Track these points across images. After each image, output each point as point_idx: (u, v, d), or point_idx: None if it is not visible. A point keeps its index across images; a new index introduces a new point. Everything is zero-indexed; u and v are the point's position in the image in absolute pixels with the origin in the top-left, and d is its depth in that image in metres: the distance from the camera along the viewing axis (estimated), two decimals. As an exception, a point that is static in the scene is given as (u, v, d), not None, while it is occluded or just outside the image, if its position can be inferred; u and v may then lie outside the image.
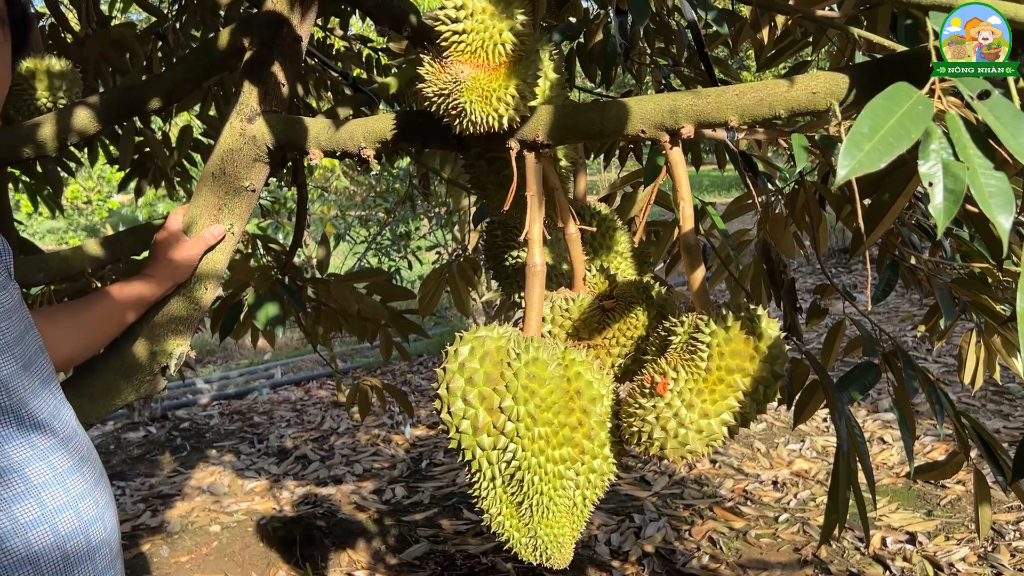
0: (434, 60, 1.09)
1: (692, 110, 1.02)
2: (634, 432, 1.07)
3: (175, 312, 1.49)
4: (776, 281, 1.95)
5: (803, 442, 4.58)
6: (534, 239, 1.16)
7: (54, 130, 1.56)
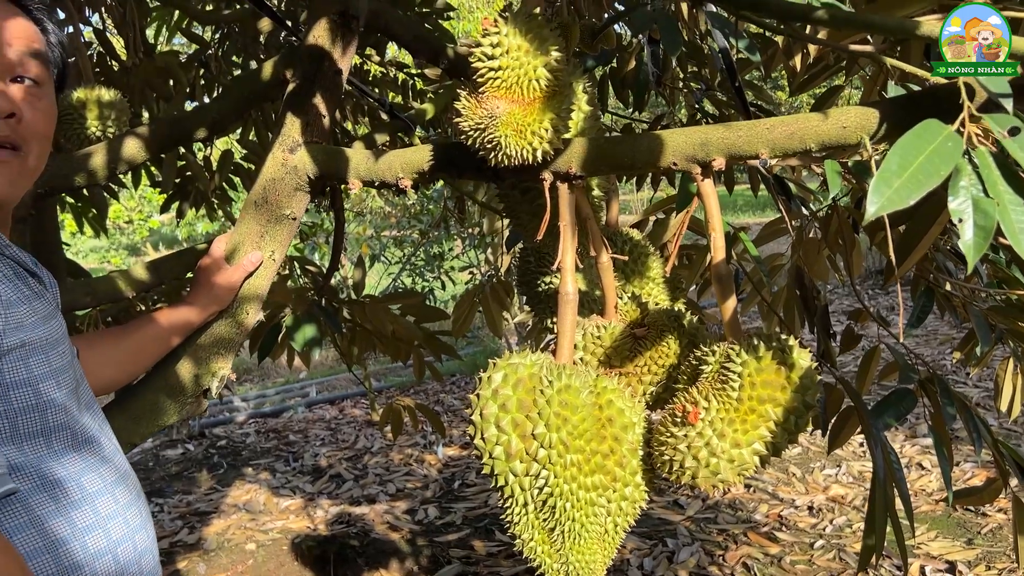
0: (471, 95, 1.12)
1: (723, 143, 1.04)
2: (666, 461, 1.08)
3: (219, 335, 1.53)
4: (809, 307, 1.95)
5: (839, 467, 4.51)
6: (567, 268, 1.18)
7: (105, 159, 1.62)
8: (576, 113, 1.22)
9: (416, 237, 7.26)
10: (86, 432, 1.09)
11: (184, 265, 1.98)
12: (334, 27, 1.42)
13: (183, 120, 1.64)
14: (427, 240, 7.15)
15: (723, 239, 1.10)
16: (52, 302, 1.16)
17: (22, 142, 1.06)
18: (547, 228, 1.21)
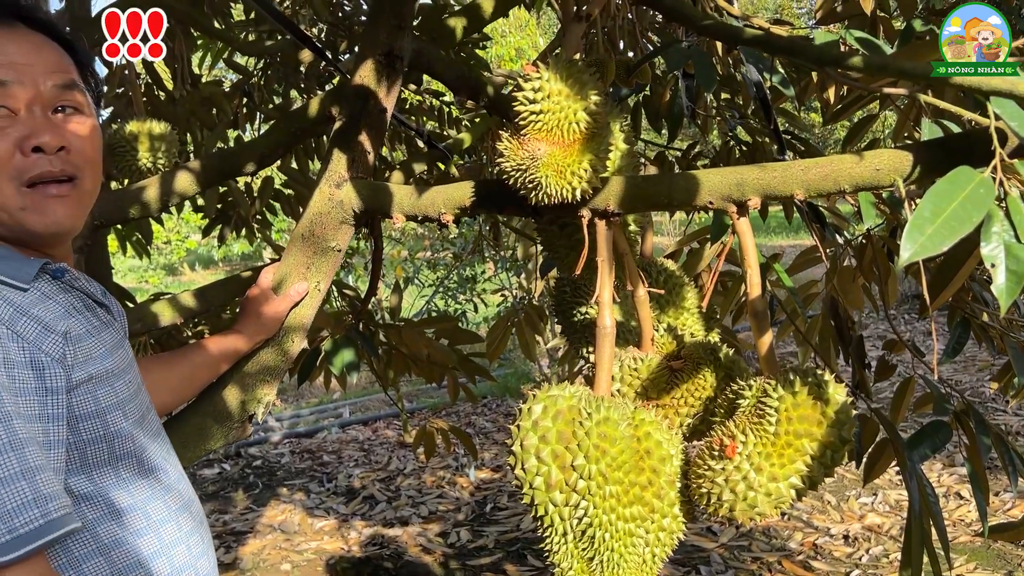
0: (512, 137, 1.16)
1: (758, 184, 1.07)
2: (703, 493, 1.11)
3: (265, 362, 1.58)
4: (844, 337, 1.95)
5: (875, 495, 4.46)
6: (604, 302, 1.22)
7: (158, 193, 1.69)
8: (614, 152, 1.25)
9: (450, 260, 7.33)
10: (152, 460, 1.13)
11: (229, 293, 2.04)
12: (379, 67, 1.48)
13: (233, 155, 1.71)
14: (460, 263, 7.21)
15: (758, 276, 1.13)
16: (120, 331, 1.19)
17: (76, 171, 1.06)
18: (584, 262, 1.25)
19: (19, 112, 1.01)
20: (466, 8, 1.86)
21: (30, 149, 1.01)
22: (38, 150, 1.01)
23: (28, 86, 1.02)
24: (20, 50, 1.02)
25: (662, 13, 1.40)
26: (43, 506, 0.88)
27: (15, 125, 1.01)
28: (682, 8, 1.19)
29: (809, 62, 1.15)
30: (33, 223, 1.03)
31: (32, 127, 1.01)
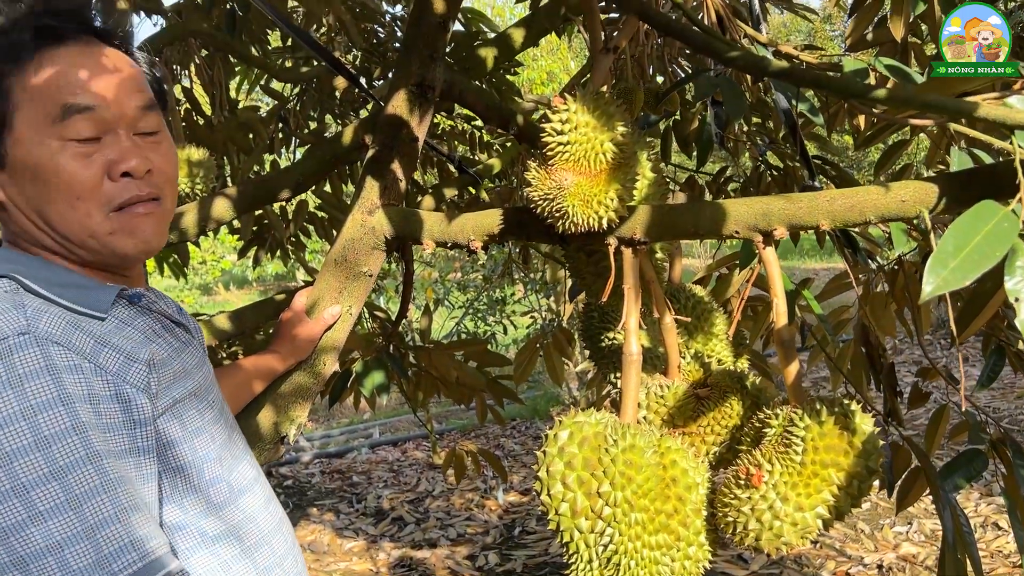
0: (540, 166, 1.18)
1: (784, 214, 1.08)
2: (729, 522, 1.11)
3: (298, 383, 1.61)
4: (876, 365, 1.94)
5: (910, 524, 4.38)
6: (631, 329, 1.23)
7: (196, 218, 1.73)
8: (641, 181, 1.27)
9: (479, 282, 7.37)
10: (241, 482, 1.09)
11: (263, 315, 2.08)
12: (412, 97, 1.51)
13: (269, 181, 1.75)
14: (490, 285, 7.25)
15: (785, 305, 1.13)
16: (199, 348, 1.14)
17: (159, 191, 1.03)
18: (611, 289, 1.26)
19: (104, 136, 0.98)
20: (497, 38, 1.89)
21: (119, 174, 0.98)
22: (126, 175, 0.98)
23: (113, 109, 0.98)
24: (96, 70, 0.97)
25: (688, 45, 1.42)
26: (140, 548, 0.85)
27: (101, 150, 0.97)
28: (709, 41, 1.21)
29: (835, 94, 1.16)
30: (123, 245, 1.00)
31: (119, 152, 0.98)
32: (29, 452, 0.82)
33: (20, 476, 0.82)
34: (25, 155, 0.95)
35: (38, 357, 0.86)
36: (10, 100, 0.94)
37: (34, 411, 0.83)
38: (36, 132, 0.95)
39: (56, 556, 0.81)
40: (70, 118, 0.94)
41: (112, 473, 0.86)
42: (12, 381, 0.84)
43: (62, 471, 0.83)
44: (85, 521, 0.83)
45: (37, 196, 0.96)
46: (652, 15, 1.28)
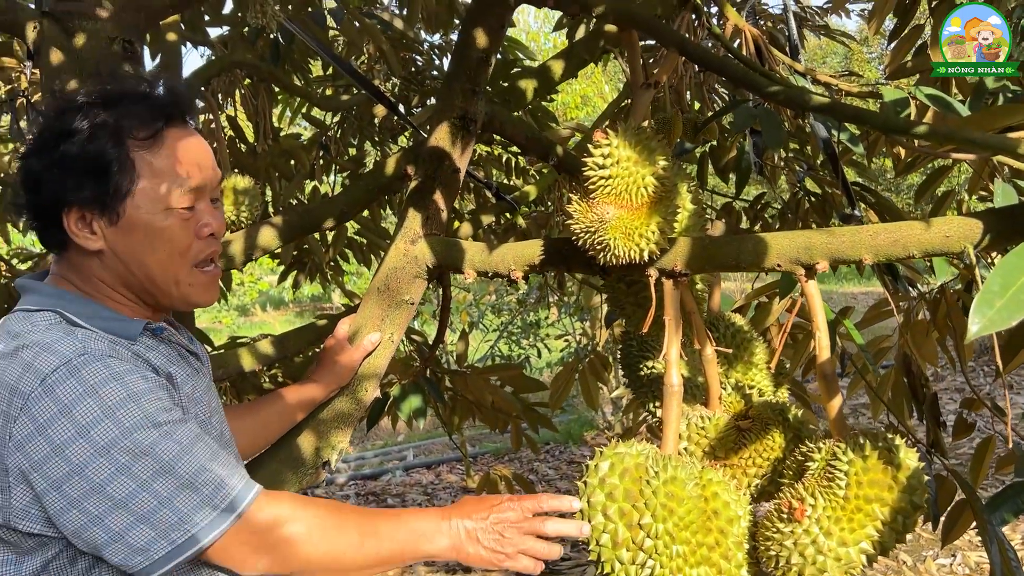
0: (582, 199, 1.20)
1: (827, 248, 1.08)
2: (772, 556, 1.10)
3: (339, 410, 1.64)
4: (918, 396, 1.92)
5: (954, 556, 4.28)
6: (671, 360, 1.23)
7: (243, 247, 1.78)
8: (681, 213, 1.28)
9: (514, 305, 7.39)
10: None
11: (305, 341, 2.12)
12: (454, 130, 1.54)
13: (314, 211, 1.79)
14: (524, 308, 7.26)
15: (827, 339, 1.13)
16: (206, 376, 1.31)
17: (218, 252, 1.25)
18: (652, 320, 1.27)
19: (197, 204, 1.19)
20: (537, 70, 1.92)
21: (206, 234, 1.20)
22: (211, 236, 1.20)
23: (208, 183, 1.20)
24: (199, 151, 1.19)
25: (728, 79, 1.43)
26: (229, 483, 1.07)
27: (194, 216, 1.18)
28: (749, 74, 1.22)
29: (876, 129, 1.17)
30: (199, 298, 1.22)
31: (208, 216, 1.20)
32: (118, 440, 1.02)
33: (117, 459, 1.02)
34: (143, 218, 1.15)
35: (102, 368, 1.05)
36: (136, 170, 1.14)
37: (113, 409, 1.03)
38: (153, 200, 1.15)
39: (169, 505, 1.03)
40: (184, 194, 1.16)
41: (187, 438, 1.07)
42: (88, 391, 1.02)
43: (149, 448, 1.03)
44: (183, 475, 1.04)
45: (143, 250, 1.16)
46: (691, 49, 1.29)
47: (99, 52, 1.70)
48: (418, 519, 1.15)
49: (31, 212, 1.18)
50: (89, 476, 1.01)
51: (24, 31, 1.75)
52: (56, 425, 1.01)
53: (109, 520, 1.02)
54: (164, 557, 1.03)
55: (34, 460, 1.01)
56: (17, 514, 1.04)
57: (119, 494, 1.01)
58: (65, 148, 1.12)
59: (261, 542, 1.07)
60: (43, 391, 1.02)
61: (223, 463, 1.08)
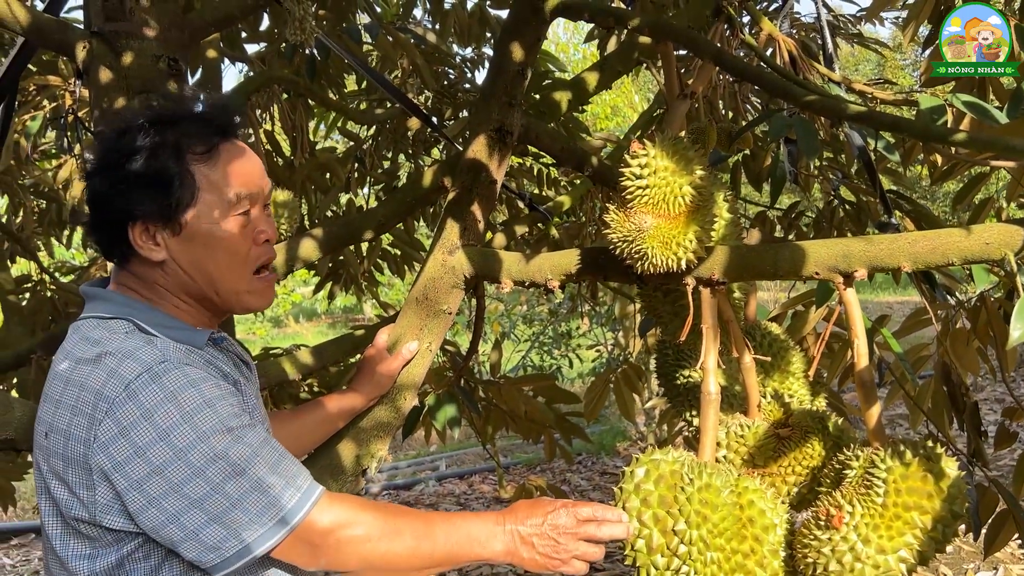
0: (619, 209, 1.22)
1: (865, 256, 1.09)
2: (809, 563, 1.11)
3: (378, 418, 1.66)
4: (958, 405, 1.90)
5: (996, 569, 4.19)
6: (709, 368, 1.24)
7: (284, 258, 1.82)
8: (718, 222, 1.29)
9: (545, 315, 7.40)
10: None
11: (343, 351, 2.15)
12: (491, 142, 1.57)
13: (354, 222, 1.83)
14: (556, 318, 7.27)
15: (866, 347, 1.14)
16: (255, 385, 1.37)
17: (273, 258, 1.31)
18: (689, 328, 1.28)
19: (250, 211, 1.25)
20: (572, 82, 1.94)
21: (262, 240, 1.26)
22: (266, 241, 1.27)
23: (260, 191, 1.26)
24: (252, 163, 1.26)
25: (764, 89, 1.44)
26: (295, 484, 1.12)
27: (250, 223, 1.25)
28: (784, 84, 1.23)
29: (915, 137, 1.17)
30: (257, 303, 1.29)
31: (261, 224, 1.26)
32: (195, 444, 1.08)
33: (193, 462, 1.07)
34: (204, 228, 1.21)
35: (180, 376, 1.11)
36: (196, 183, 1.20)
37: (191, 415, 1.09)
38: (212, 211, 1.21)
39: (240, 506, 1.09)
40: (240, 203, 1.22)
41: (256, 441, 1.12)
42: (168, 397, 1.09)
43: (223, 452, 1.09)
44: (253, 478, 1.09)
45: (205, 258, 1.22)
46: (727, 60, 1.31)
47: (146, 70, 1.75)
48: (473, 523, 1.19)
49: (97, 228, 1.24)
50: (168, 477, 1.07)
51: (74, 50, 1.81)
52: (138, 428, 1.07)
53: (185, 519, 1.08)
54: (235, 555, 1.09)
55: (117, 460, 1.07)
56: (102, 509, 1.10)
57: (194, 495, 1.07)
58: (129, 166, 1.19)
59: (324, 542, 1.12)
60: (127, 396, 1.08)
61: (289, 465, 1.14)
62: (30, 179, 3.63)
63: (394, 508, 1.19)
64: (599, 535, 1.17)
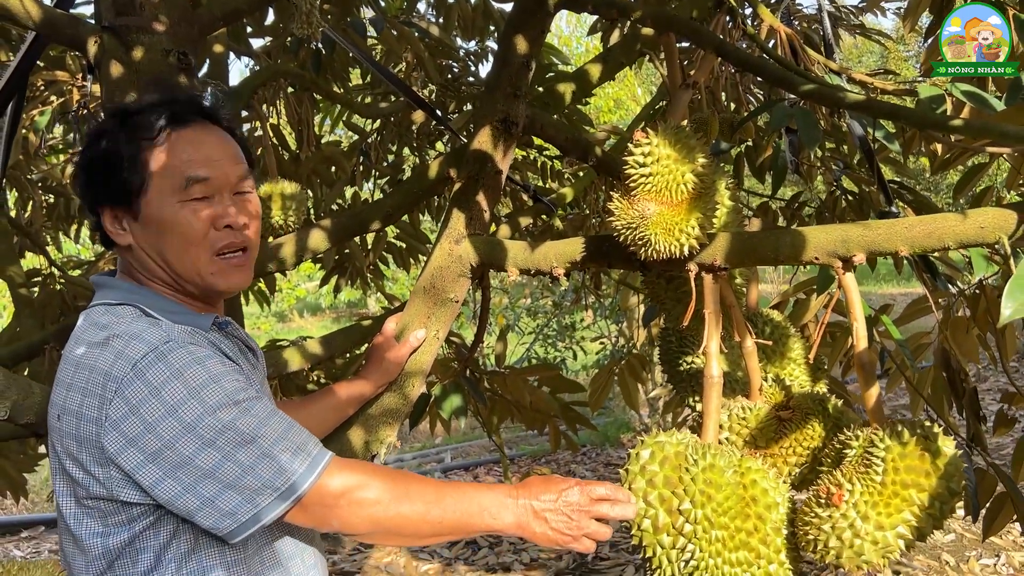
0: (623, 197, 1.24)
1: (863, 241, 1.12)
2: (810, 540, 1.14)
3: (387, 405, 1.69)
4: (957, 390, 1.92)
5: (998, 557, 4.22)
6: (712, 353, 1.27)
7: (294, 249, 1.85)
8: (720, 209, 1.32)
9: (549, 308, 7.43)
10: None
11: (351, 340, 2.19)
12: (496, 132, 1.59)
13: (361, 214, 1.86)
14: (559, 311, 7.30)
15: (865, 329, 1.16)
16: (262, 372, 1.40)
17: (248, 243, 1.30)
18: (692, 314, 1.31)
19: (213, 196, 1.25)
20: (575, 74, 1.97)
21: (223, 226, 1.25)
22: (229, 227, 1.26)
23: (221, 177, 1.26)
24: (210, 147, 1.26)
25: (765, 78, 1.47)
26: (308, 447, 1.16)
27: (211, 207, 1.25)
28: (785, 74, 1.26)
29: (913, 125, 1.19)
30: (220, 285, 1.28)
31: (224, 209, 1.26)
32: (203, 417, 1.11)
33: (203, 434, 1.11)
34: (156, 212, 1.23)
35: (185, 354, 1.14)
36: (147, 170, 1.23)
37: (197, 390, 1.12)
38: (165, 195, 1.23)
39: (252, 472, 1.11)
40: (191, 187, 1.23)
41: (263, 412, 1.15)
42: (174, 374, 1.12)
43: (231, 423, 1.12)
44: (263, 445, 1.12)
45: (161, 242, 1.24)
46: (728, 51, 1.33)
47: (156, 64, 1.78)
48: (485, 494, 1.21)
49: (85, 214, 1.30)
50: (179, 450, 1.10)
51: (85, 45, 1.84)
52: (147, 405, 1.10)
53: (200, 488, 1.11)
54: (251, 519, 1.12)
55: (129, 437, 1.11)
56: (118, 484, 1.13)
57: (207, 465, 1.11)
58: (88, 152, 1.26)
59: (335, 503, 1.15)
60: (134, 375, 1.11)
61: (298, 432, 1.17)
62: (38, 174, 3.66)
63: (405, 474, 1.22)
64: (611, 514, 1.20)
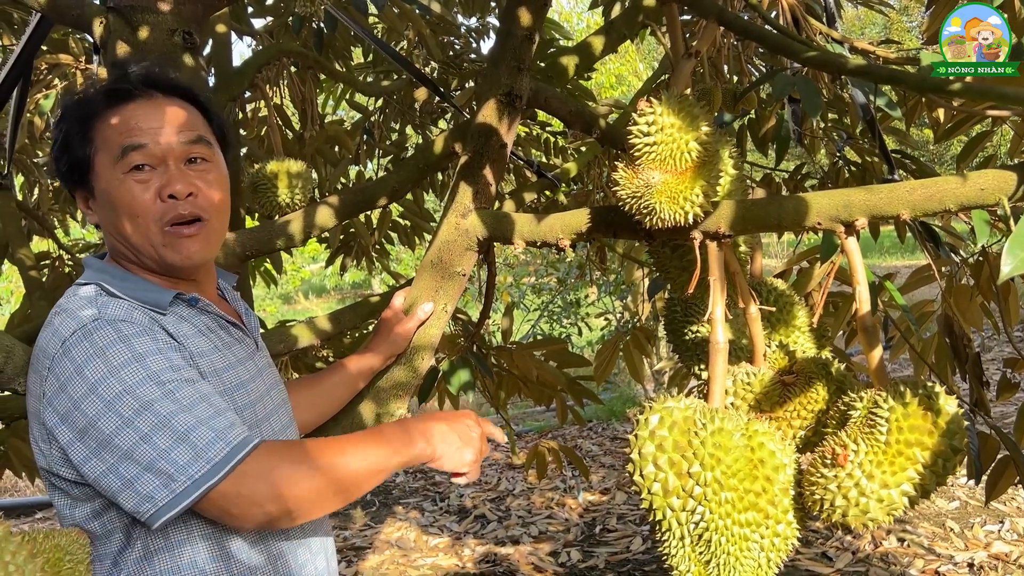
0: (627, 166, 1.26)
1: (865, 205, 1.13)
2: (816, 500, 1.16)
3: (398, 378, 1.72)
4: (960, 356, 1.94)
5: (1002, 523, 4.26)
6: (717, 319, 1.29)
7: (301, 225, 1.86)
8: (724, 177, 1.33)
9: (554, 284, 7.46)
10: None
11: (360, 316, 2.21)
12: (500, 106, 1.61)
13: (368, 189, 1.87)
14: (564, 288, 7.33)
15: (867, 292, 1.18)
16: (251, 345, 1.40)
17: (203, 213, 1.26)
18: (696, 282, 1.33)
19: (158, 166, 1.23)
20: (578, 47, 1.97)
21: (166, 196, 1.23)
22: (172, 197, 1.23)
23: (161, 144, 1.23)
24: (149, 116, 1.24)
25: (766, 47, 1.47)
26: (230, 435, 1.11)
27: (155, 177, 1.23)
28: (785, 41, 1.27)
29: (912, 89, 1.20)
30: (171, 257, 1.25)
31: (167, 178, 1.23)
32: (121, 396, 1.10)
33: (122, 412, 1.10)
34: (104, 187, 1.24)
35: (112, 332, 1.14)
36: (93, 145, 1.24)
37: (117, 369, 1.11)
38: (108, 168, 1.23)
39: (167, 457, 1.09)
40: (128, 155, 1.22)
41: (189, 397, 1.13)
42: (96, 352, 1.12)
43: (148, 404, 1.10)
44: (180, 429, 1.10)
45: (113, 217, 1.24)
46: (730, 19, 1.34)
47: (162, 44, 1.79)
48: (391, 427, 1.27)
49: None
50: (101, 428, 1.10)
51: (91, 26, 1.85)
52: (73, 383, 1.11)
53: (121, 469, 1.09)
54: (167, 504, 1.09)
55: (61, 414, 1.12)
56: (56, 462, 1.15)
57: (124, 444, 1.09)
58: (55, 138, 1.27)
59: (257, 490, 1.11)
60: (63, 352, 1.13)
61: (223, 419, 1.13)
62: (44, 157, 3.68)
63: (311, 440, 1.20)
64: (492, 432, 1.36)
